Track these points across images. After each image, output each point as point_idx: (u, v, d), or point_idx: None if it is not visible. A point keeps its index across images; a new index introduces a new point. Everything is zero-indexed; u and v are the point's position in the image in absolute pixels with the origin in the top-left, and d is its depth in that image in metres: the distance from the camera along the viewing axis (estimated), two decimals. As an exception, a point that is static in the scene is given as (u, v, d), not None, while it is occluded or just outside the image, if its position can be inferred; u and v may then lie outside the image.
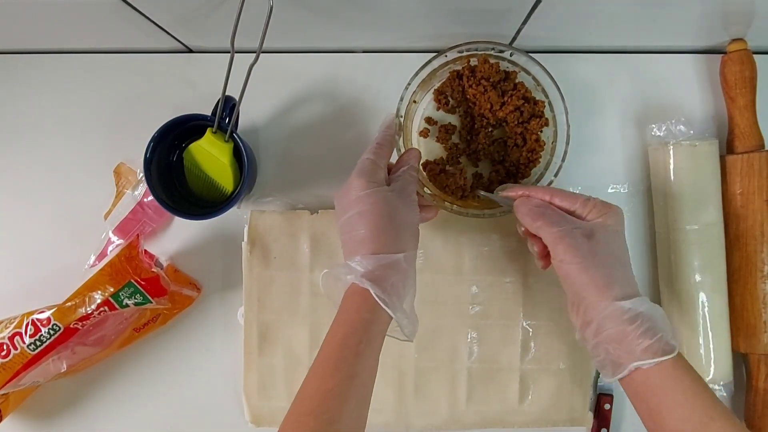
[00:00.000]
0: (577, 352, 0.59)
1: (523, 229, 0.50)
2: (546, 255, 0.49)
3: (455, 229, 0.59)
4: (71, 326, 0.53)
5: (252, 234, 0.59)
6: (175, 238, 0.61)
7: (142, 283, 0.53)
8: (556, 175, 0.54)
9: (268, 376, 0.59)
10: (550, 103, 0.56)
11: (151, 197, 0.58)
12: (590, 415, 0.59)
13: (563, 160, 0.53)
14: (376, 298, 0.42)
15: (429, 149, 0.59)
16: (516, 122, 0.56)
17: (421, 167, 0.58)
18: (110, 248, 0.60)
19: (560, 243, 0.45)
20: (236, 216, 0.60)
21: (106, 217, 0.60)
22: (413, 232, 0.47)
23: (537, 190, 0.49)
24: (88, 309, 0.53)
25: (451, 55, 0.55)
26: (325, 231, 0.59)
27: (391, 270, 0.44)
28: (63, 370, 0.54)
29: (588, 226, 0.46)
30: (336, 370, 0.40)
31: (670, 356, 0.42)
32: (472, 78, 0.56)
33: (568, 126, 0.53)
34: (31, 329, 0.53)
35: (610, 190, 0.61)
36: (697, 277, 0.55)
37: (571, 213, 0.48)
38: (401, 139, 0.54)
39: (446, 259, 0.59)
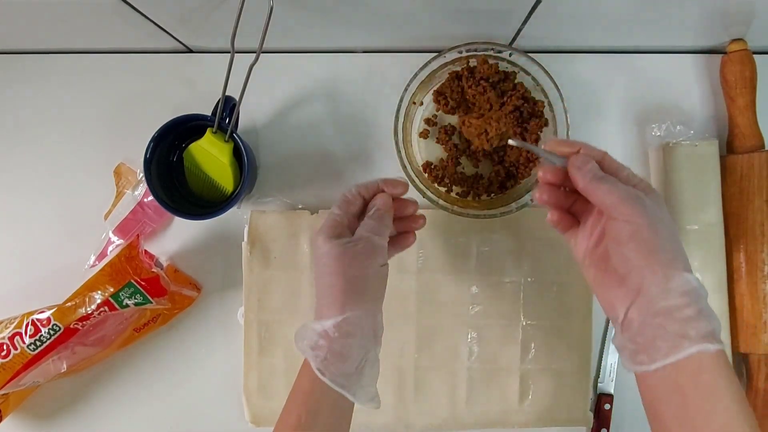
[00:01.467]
0: (577, 352, 0.59)
1: (539, 195, 0.45)
2: (565, 217, 0.45)
3: (455, 229, 0.59)
4: (71, 326, 0.53)
5: (252, 234, 0.59)
6: (175, 238, 0.61)
7: (142, 283, 0.53)
8: (556, 175, 0.54)
9: (268, 376, 0.59)
10: (549, 104, 0.56)
11: (151, 197, 0.58)
12: (590, 415, 0.59)
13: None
14: (315, 371, 0.42)
15: (429, 150, 0.59)
16: (515, 122, 0.56)
17: (421, 169, 0.58)
18: (110, 248, 0.60)
19: (626, 202, 0.39)
20: (236, 216, 0.60)
21: (106, 217, 0.60)
22: (373, 284, 0.45)
23: (591, 148, 0.43)
24: (88, 309, 0.53)
25: (450, 55, 0.55)
26: (325, 231, 0.59)
27: (342, 336, 0.42)
28: (63, 370, 0.54)
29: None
30: None
31: (720, 346, 0.37)
32: (471, 78, 0.56)
33: (568, 126, 0.53)
34: (31, 329, 0.53)
35: (610, 190, 0.61)
36: (697, 277, 0.55)
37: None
38: (401, 140, 0.55)
39: (446, 259, 0.59)
